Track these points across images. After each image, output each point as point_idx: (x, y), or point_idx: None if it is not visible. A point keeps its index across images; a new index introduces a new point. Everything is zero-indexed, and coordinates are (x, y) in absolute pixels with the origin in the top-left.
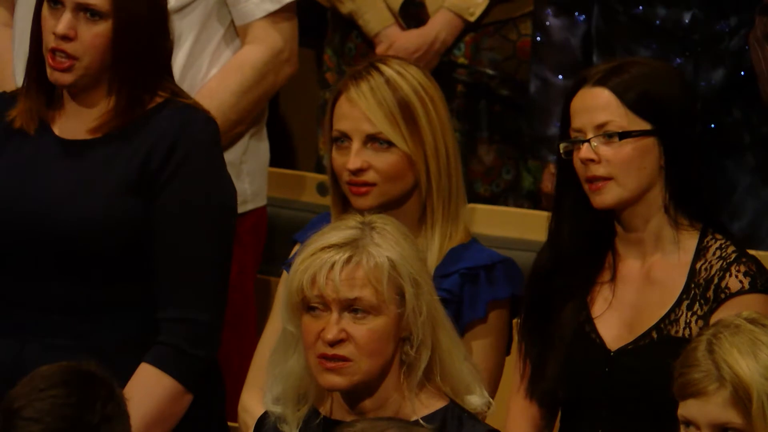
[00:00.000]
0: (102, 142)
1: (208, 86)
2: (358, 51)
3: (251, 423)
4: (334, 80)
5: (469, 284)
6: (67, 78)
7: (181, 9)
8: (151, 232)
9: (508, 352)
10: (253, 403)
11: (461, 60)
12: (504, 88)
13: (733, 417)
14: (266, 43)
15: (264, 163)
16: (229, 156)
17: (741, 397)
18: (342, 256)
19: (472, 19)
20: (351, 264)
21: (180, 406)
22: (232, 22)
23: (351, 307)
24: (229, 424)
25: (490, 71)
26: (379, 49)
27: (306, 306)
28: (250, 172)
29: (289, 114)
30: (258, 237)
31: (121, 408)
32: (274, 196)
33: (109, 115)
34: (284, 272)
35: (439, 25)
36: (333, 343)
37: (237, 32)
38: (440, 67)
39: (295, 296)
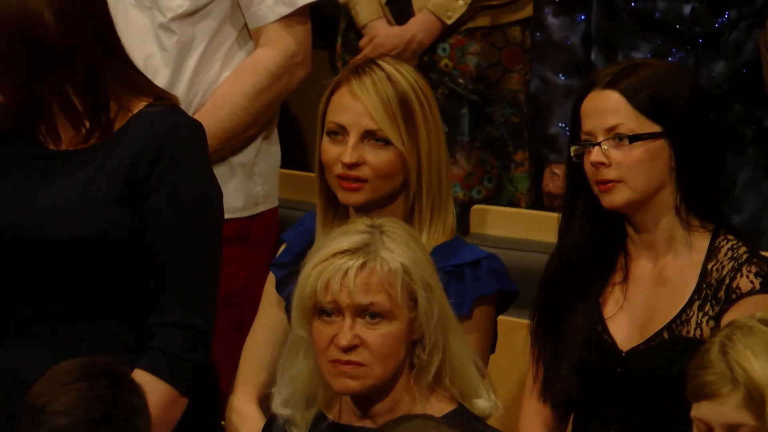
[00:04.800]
0: (89, 152)
1: (222, 88)
2: (357, 40)
3: (239, 422)
4: (343, 67)
5: (455, 281)
6: (5, 101)
7: (194, 12)
8: (141, 238)
9: (492, 350)
10: (241, 402)
11: (445, 62)
12: (485, 100)
13: (747, 419)
14: (280, 46)
15: (276, 165)
16: (242, 158)
17: (755, 399)
18: (356, 262)
19: (449, 21)
20: (365, 270)
21: (175, 411)
22: (246, 25)
23: (365, 312)
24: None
25: (467, 89)
26: (362, 42)
27: (318, 311)
28: (262, 174)
29: (301, 116)
30: (269, 239)
31: (143, 400)
32: (286, 197)
33: (86, 127)
34: (271, 273)
35: (416, 26)
36: (347, 349)
37: (250, 35)
38: (421, 69)
39: (308, 301)
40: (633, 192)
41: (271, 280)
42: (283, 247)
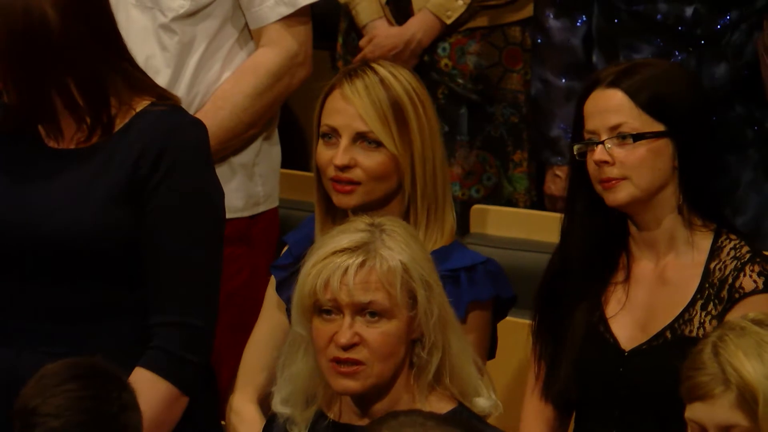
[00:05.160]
0: (92, 152)
1: (222, 88)
2: (357, 39)
3: (238, 423)
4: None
5: (450, 286)
6: (8, 99)
7: (195, 12)
8: (142, 237)
9: (492, 356)
10: (241, 404)
11: (444, 61)
12: (485, 100)
13: (740, 419)
14: (281, 47)
15: (276, 165)
16: (242, 158)
17: (747, 400)
18: (355, 260)
19: (449, 21)
20: (365, 268)
21: (176, 410)
22: (247, 25)
23: (364, 311)
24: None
25: (465, 89)
26: (362, 42)
27: (318, 309)
28: (262, 174)
29: (302, 116)
30: (270, 239)
31: (133, 396)
32: (286, 197)
33: (88, 127)
34: (273, 276)
35: (416, 26)
36: (346, 347)
37: (251, 35)
38: (421, 69)
39: (307, 300)
40: (636, 189)
41: (272, 282)
42: (285, 249)
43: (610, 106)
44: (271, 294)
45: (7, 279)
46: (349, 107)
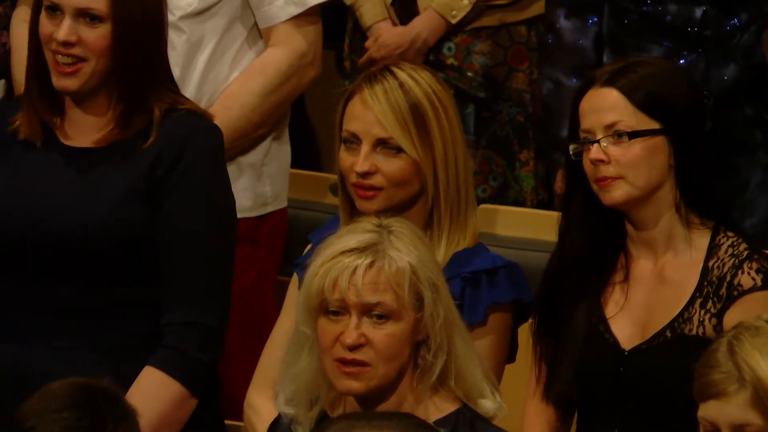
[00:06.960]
0: (108, 151)
1: (231, 88)
2: (363, 40)
3: (256, 420)
4: (350, 67)
5: (471, 288)
6: (73, 83)
7: (204, 11)
8: (156, 239)
9: (512, 359)
10: (259, 401)
11: (450, 61)
12: (491, 99)
13: (754, 418)
14: (290, 46)
15: (285, 165)
16: (251, 158)
17: (762, 398)
18: (364, 260)
19: (454, 21)
20: (373, 269)
21: (185, 411)
22: (256, 24)
23: (371, 311)
24: (235, 423)
25: (472, 86)
26: (367, 43)
27: (324, 309)
28: (270, 174)
29: (313, 116)
30: (278, 239)
31: (132, 428)
32: (295, 197)
33: (114, 124)
34: (295, 274)
35: (421, 24)
36: (352, 348)
37: (260, 35)
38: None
39: (314, 299)
40: (632, 188)
41: (294, 280)
42: (308, 248)
43: (605, 105)
44: (293, 292)
45: (15, 276)
46: (369, 113)
